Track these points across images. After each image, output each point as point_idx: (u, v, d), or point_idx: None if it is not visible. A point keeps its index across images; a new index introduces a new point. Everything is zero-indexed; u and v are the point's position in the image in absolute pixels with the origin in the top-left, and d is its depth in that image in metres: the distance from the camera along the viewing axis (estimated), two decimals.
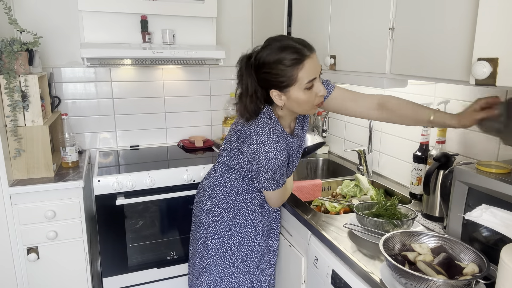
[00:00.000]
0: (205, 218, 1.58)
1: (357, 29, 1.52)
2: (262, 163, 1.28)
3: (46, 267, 1.95)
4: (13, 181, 1.88)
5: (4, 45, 1.77)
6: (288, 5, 2.10)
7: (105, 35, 2.25)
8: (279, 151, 1.28)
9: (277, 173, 1.32)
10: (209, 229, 1.56)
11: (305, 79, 1.22)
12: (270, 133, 1.28)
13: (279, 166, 1.30)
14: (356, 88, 2.16)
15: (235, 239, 1.55)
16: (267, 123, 1.31)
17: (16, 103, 1.81)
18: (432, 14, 1.15)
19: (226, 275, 1.59)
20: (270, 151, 1.27)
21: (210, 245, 1.56)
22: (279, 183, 1.37)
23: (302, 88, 1.23)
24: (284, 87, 1.23)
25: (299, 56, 1.20)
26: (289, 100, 1.27)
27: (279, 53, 1.21)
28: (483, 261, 0.99)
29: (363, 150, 1.97)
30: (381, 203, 1.41)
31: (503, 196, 1.01)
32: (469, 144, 1.48)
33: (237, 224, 1.53)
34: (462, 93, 1.49)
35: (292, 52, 1.20)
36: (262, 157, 1.27)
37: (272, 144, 1.27)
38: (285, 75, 1.21)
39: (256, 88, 1.26)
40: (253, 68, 1.26)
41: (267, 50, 1.24)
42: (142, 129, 2.61)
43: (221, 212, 1.53)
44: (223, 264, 1.57)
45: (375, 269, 1.12)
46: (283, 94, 1.26)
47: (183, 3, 2.31)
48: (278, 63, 1.21)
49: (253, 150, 1.29)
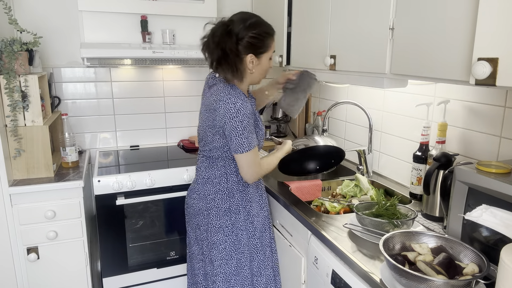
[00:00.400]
0: (204, 215, 1.61)
1: (357, 29, 1.52)
2: (232, 116, 1.43)
3: (46, 267, 1.95)
4: (13, 181, 1.88)
5: (4, 45, 1.77)
6: (288, 5, 2.10)
7: (105, 35, 2.25)
8: (244, 101, 1.44)
9: (247, 127, 1.45)
10: (211, 224, 1.59)
11: (272, 50, 1.54)
12: (233, 91, 1.46)
13: (247, 116, 1.44)
14: (356, 88, 2.16)
15: (239, 225, 1.59)
16: (227, 88, 1.48)
17: (16, 103, 1.81)
18: (432, 14, 1.15)
19: (240, 267, 1.63)
20: (236, 102, 1.43)
21: (217, 239, 1.59)
22: (249, 142, 1.46)
23: (268, 57, 1.53)
24: (260, 52, 1.49)
25: (273, 30, 1.52)
26: (258, 66, 1.51)
27: (265, 23, 1.50)
28: (483, 261, 0.99)
29: (363, 150, 1.97)
30: (381, 203, 1.41)
31: (503, 196, 1.01)
32: (469, 144, 1.48)
33: (235, 210, 1.59)
34: (462, 93, 1.49)
35: (270, 27, 1.52)
36: (232, 110, 1.42)
37: (237, 96, 1.44)
38: (265, 41, 1.48)
39: (234, 50, 1.44)
40: (238, 32, 1.44)
41: (250, 18, 1.47)
42: (142, 129, 2.61)
43: (218, 203, 1.58)
44: (235, 255, 1.62)
45: (375, 269, 1.12)
46: (256, 59, 1.49)
47: (183, 3, 2.31)
48: (265, 30, 1.48)
49: (224, 109, 1.44)
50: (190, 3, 2.32)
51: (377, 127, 1.99)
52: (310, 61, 1.90)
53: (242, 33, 1.44)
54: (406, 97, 1.78)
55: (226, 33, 1.44)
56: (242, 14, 1.49)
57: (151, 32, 2.31)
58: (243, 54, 1.46)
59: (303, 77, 1.69)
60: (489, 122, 1.39)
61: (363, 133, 2.13)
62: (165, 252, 2.21)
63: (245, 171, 1.52)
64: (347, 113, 2.27)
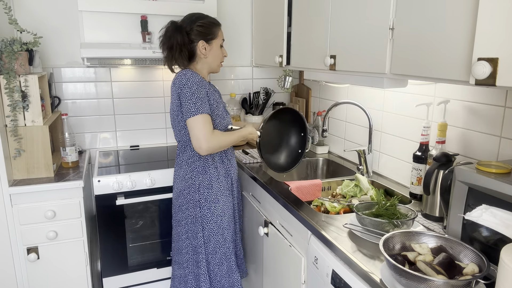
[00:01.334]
0: (184, 194, 1.78)
1: (357, 29, 1.52)
2: (183, 84, 1.63)
3: (46, 267, 1.95)
4: (13, 181, 1.88)
5: (4, 45, 1.77)
6: (288, 5, 2.10)
7: (105, 35, 2.25)
8: (194, 73, 1.66)
9: (195, 93, 1.62)
10: (201, 205, 1.76)
11: (221, 37, 1.80)
12: (185, 71, 1.67)
13: (197, 84, 1.63)
14: (356, 88, 2.16)
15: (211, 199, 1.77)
16: (182, 71, 1.70)
17: (16, 103, 1.82)
18: (432, 14, 1.15)
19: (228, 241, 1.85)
20: (187, 73, 1.65)
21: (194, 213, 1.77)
22: (198, 107, 1.61)
23: (218, 44, 1.78)
24: (210, 39, 1.74)
25: (218, 22, 1.80)
26: (211, 52, 1.75)
27: (209, 16, 1.77)
28: (483, 261, 0.99)
29: (363, 150, 1.97)
30: (381, 203, 1.41)
31: (503, 196, 1.01)
32: (469, 144, 1.48)
33: (208, 185, 1.76)
34: (462, 93, 1.49)
35: (214, 19, 1.78)
36: (183, 80, 1.63)
37: (188, 72, 1.66)
38: (211, 29, 1.74)
39: (185, 41, 1.70)
40: (187, 26, 1.71)
41: (196, 14, 1.75)
42: (142, 129, 2.61)
43: (194, 180, 1.76)
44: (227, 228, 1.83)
45: (375, 269, 1.12)
46: (208, 45, 1.73)
47: (183, 3, 2.31)
48: (210, 20, 1.75)
49: (178, 82, 1.65)
50: (190, 3, 2.32)
51: (377, 127, 1.99)
52: (310, 61, 1.90)
53: (190, 26, 1.71)
54: (406, 97, 1.78)
55: (175, 28, 1.71)
56: (189, 14, 1.77)
57: (151, 32, 2.31)
58: (195, 42, 1.71)
59: None
60: (489, 122, 1.39)
61: (363, 133, 2.14)
62: (165, 252, 2.21)
63: (194, 135, 1.61)
64: (347, 113, 2.27)
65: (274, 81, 2.85)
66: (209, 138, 1.62)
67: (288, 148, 1.99)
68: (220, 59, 1.81)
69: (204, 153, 1.64)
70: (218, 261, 1.82)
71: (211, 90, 1.74)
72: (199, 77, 1.66)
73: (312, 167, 2.36)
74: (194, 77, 1.64)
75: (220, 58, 1.81)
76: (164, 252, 2.21)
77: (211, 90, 1.75)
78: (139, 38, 2.31)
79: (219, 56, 1.80)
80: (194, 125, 1.61)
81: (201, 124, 1.61)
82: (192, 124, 1.62)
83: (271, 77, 2.85)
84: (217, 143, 1.65)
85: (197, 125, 1.61)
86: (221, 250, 1.82)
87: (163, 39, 1.74)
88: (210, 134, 1.62)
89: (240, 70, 2.76)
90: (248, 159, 2.21)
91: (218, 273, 1.82)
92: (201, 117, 1.61)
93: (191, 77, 1.64)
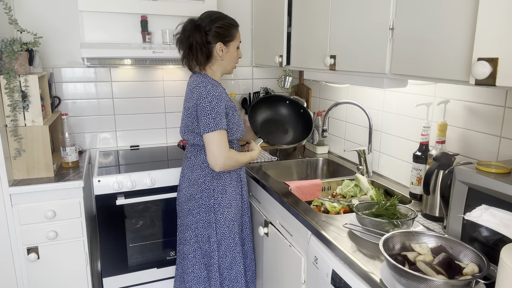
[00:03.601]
0: (196, 199, 1.75)
1: (357, 29, 1.52)
2: (203, 97, 1.59)
3: (46, 267, 1.95)
4: (13, 181, 1.88)
5: (4, 45, 1.77)
6: (288, 5, 2.10)
7: (105, 35, 2.25)
8: (214, 85, 1.62)
9: (215, 108, 1.58)
10: (213, 209, 1.74)
11: (239, 39, 1.75)
12: (203, 78, 1.66)
13: (217, 98, 1.59)
14: (356, 88, 2.16)
15: (224, 204, 1.76)
16: (199, 77, 1.68)
17: (16, 103, 1.82)
18: (432, 14, 1.15)
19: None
20: (207, 85, 1.61)
21: (208, 218, 1.75)
22: (216, 123, 1.57)
23: (236, 46, 1.74)
24: (228, 41, 1.70)
25: (237, 23, 1.75)
26: (228, 53, 1.71)
27: (228, 17, 1.73)
28: (483, 261, 0.99)
29: (363, 150, 1.97)
30: (381, 203, 1.41)
31: (503, 196, 1.01)
32: (469, 144, 1.48)
33: (222, 190, 1.75)
34: (462, 93, 1.49)
35: (233, 20, 1.74)
36: (203, 92, 1.59)
37: (207, 82, 1.62)
38: (230, 31, 1.70)
39: (204, 41, 1.65)
40: (206, 25, 1.66)
41: (216, 14, 1.70)
42: (142, 129, 2.61)
43: (208, 186, 1.73)
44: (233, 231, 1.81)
45: (375, 269, 1.12)
46: (225, 47, 1.69)
47: (183, 3, 2.31)
48: (229, 21, 1.71)
49: (197, 93, 1.61)
50: (190, 3, 2.32)
51: (377, 127, 1.99)
52: (310, 61, 1.90)
53: (209, 26, 1.66)
54: (406, 97, 1.78)
55: (194, 27, 1.66)
56: (208, 12, 1.72)
57: (151, 32, 2.31)
58: (213, 43, 1.67)
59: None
60: (489, 122, 1.39)
61: (363, 133, 2.14)
62: (165, 252, 2.21)
63: (211, 152, 1.59)
64: (347, 113, 2.27)
65: (274, 81, 2.85)
66: (226, 156, 1.59)
67: (292, 124, 2.06)
68: (235, 61, 1.78)
69: (219, 169, 1.60)
70: (228, 265, 1.81)
71: (227, 99, 1.70)
72: (219, 90, 1.62)
73: (312, 167, 2.36)
74: (214, 90, 1.59)
75: (236, 60, 1.78)
76: (164, 252, 2.21)
77: (227, 98, 1.71)
78: (139, 38, 2.31)
79: (235, 58, 1.77)
80: (211, 141, 1.58)
81: (219, 141, 1.58)
82: (210, 140, 1.58)
83: (271, 77, 2.85)
84: (233, 161, 1.64)
85: (215, 141, 1.58)
86: (231, 254, 1.80)
87: (180, 37, 1.70)
88: (227, 152, 1.60)
89: (240, 70, 2.76)
90: None
91: (227, 277, 1.82)
92: (218, 134, 1.58)
93: (212, 90, 1.59)
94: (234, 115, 1.72)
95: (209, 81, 1.63)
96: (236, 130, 1.73)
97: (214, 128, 1.57)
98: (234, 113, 1.72)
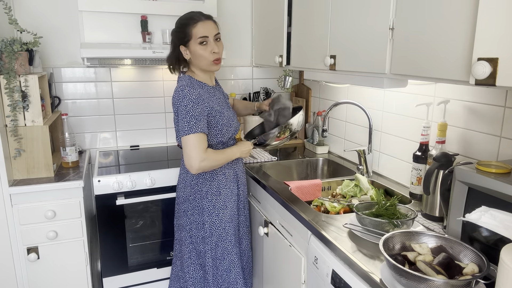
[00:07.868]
0: (190, 200, 1.75)
1: (357, 29, 1.52)
2: (180, 101, 1.58)
3: (46, 267, 1.95)
4: (13, 181, 1.88)
5: (4, 45, 1.77)
6: (288, 5, 2.10)
7: (105, 35, 2.25)
8: (192, 88, 1.59)
9: (190, 111, 1.57)
10: (205, 209, 1.74)
11: (198, 35, 1.62)
12: (183, 81, 1.64)
13: (193, 101, 1.57)
14: (356, 88, 2.16)
15: (219, 206, 1.76)
16: (180, 78, 1.69)
17: (16, 103, 1.82)
18: (432, 14, 1.15)
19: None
20: (184, 88, 1.60)
21: (200, 219, 1.76)
22: (191, 126, 1.56)
23: (197, 43, 1.63)
24: (186, 42, 1.65)
25: (195, 18, 1.65)
26: (192, 54, 1.66)
27: (182, 17, 1.69)
28: (483, 261, 0.99)
29: (363, 150, 1.97)
30: (381, 203, 1.41)
31: (503, 196, 1.01)
32: (469, 144, 1.48)
33: (216, 192, 1.75)
34: (462, 93, 1.49)
35: (189, 17, 1.66)
36: (180, 94, 1.59)
37: (186, 84, 1.61)
38: (184, 31, 1.64)
39: (176, 45, 1.69)
40: (172, 33, 1.71)
41: (181, 16, 1.70)
42: (142, 129, 2.61)
43: (201, 187, 1.73)
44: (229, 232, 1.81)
45: (375, 269, 1.12)
46: (187, 49, 1.66)
47: (183, 3, 2.31)
48: (180, 22, 1.68)
49: (175, 96, 1.62)
50: (190, 3, 2.32)
51: (377, 127, 1.99)
52: (310, 61, 1.90)
53: (173, 32, 1.71)
54: (406, 97, 1.78)
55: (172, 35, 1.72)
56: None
57: (151, 32, 2.31)
58: (178, 47, 1.68)
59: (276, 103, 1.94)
60: (489, 122, 1.39)
61: (363, 133, 2.14)
62: (165, 252, 2.21)
63: (186, 154, 1.58)
64: (347, 113, 2.27)
65: (274, 81, 2.85)
66: (201, 158, 1.57)
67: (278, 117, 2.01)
68: (207, 58, 1.64)
69: (195, 172, 1.59)
70: (226, 267, 1.81)
71: (213, 99, 1.68)
72: (196, 93, 1.58)
73: (312, 167, 2.36)
74: (191, 93, 1.57)
75: (206, 56, 1.64)
76: (164, 252, 2.21)
77: (214, 99, 1.68)
78: (139, 38, 2.31)
79: (204, 55, 1.63)
80: (186, 144, 1.58)
81: (193, 144, 1.56)
82: (185, 142, 1.58)
83: (271, 77, 2.85)
84: (210, 162, 1.60)
85: (189, 144, 1.57)
86: (229, 257, 1.80)
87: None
88: (202, 154, 1.58)
89: (240, 70, 2.76)
90: (248, 159, 2.21)
91: (226, 279, 1.82)
92: (193, 137, 1.57)
93: (188, 94, 1.57)
94: (222, 115, 1.68)
95: (188, 84, 1.61)
96: (227, 131, 1.72)
97: (189, 131, 1.56)
98: (222, 113, 1.69)
